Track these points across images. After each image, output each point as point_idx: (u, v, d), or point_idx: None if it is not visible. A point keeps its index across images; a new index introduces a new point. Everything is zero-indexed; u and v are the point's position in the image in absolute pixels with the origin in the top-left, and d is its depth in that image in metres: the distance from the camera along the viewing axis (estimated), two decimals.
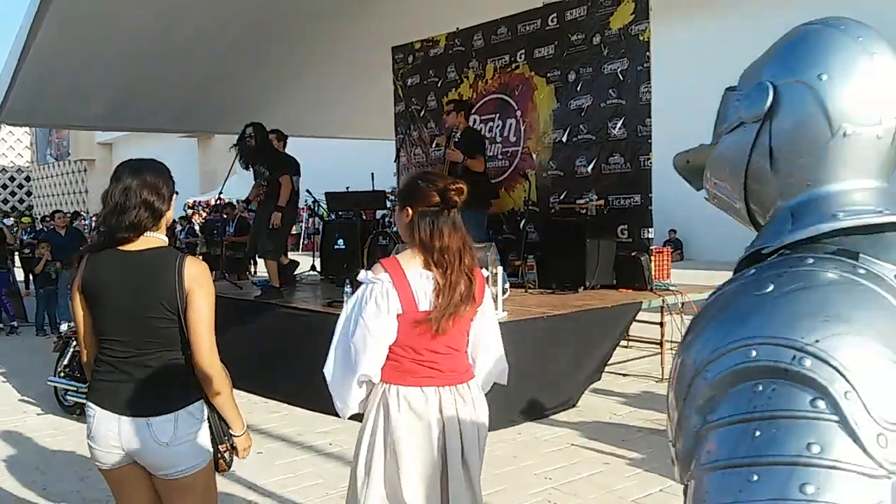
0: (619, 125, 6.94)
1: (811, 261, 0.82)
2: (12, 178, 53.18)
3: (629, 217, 6.82)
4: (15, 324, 10.46)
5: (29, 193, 52.97)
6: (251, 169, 7.16)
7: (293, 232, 26.19)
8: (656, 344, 6.50)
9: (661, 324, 6.30)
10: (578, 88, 7.30)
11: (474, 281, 2.35)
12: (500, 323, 4.95)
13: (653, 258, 6.70)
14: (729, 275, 0.92)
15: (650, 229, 6.73)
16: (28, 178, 53.07)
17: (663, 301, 6.20)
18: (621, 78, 6.93)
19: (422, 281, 2.27)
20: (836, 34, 0.87)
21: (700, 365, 0.80)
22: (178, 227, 16.13)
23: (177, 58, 9.26)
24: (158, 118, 10.80)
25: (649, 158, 6.71)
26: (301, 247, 22.53)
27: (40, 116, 10.39)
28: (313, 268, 9.08)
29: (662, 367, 6.33)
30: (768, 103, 0.88)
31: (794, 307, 0.77)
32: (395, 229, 7.85)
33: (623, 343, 6.73)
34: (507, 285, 5.77)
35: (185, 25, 8.63)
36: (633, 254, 6.65)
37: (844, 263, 0.81)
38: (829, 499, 0.68)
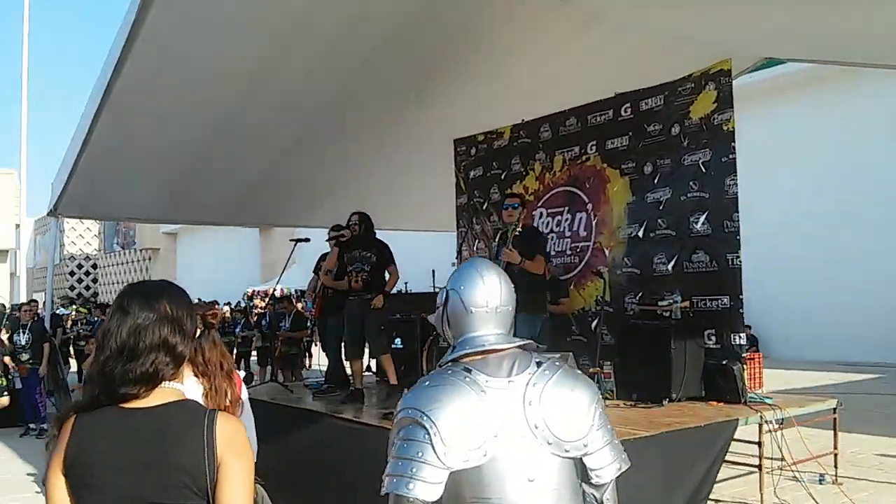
0: (702, 220, 6.39)
1: (449, 371, 1.86)
2: (80, 266, 54.87)
3: (717, 321, 6.17)
4: (46, 426, 9.53)
5: (95, 280, 54.45)
6: (346, 257, 6.93)
7: None
8: (753, 466, 5.72)
9: (760, 443, 5.54)
10: (656, 181, 6.81)
11: (233, 381, 3.01)
12: None
13: (745, 366, 6.00)
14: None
15: (741, 335, 6.07)
16: (95, 266, 54.69)
17: (761, 417, 5.47)
18: (703, 170, 6.42)
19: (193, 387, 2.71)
20: (470, 266, 2.02)
21: (397, 410, 1.87)
22: (235, 319, 15.96)
23: (233, 151, 9.16)
24: (213, 212, 10.70)
25: (738, 256, 6.11)
26: None
27: (95, 208, 10.36)
28: (368, 368, 8.58)
29: (762, 492, 5.53)
30: (444, 298, 2.01)
31: (427, 392, 1.82)
32: None
33: None
34: None
35: (243, 119, 8.52)
36: (723, 362, 5.97)
37: (461, 373, 1.84)
38: (421, 475, 1.73)
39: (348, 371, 7.18)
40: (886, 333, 14.99)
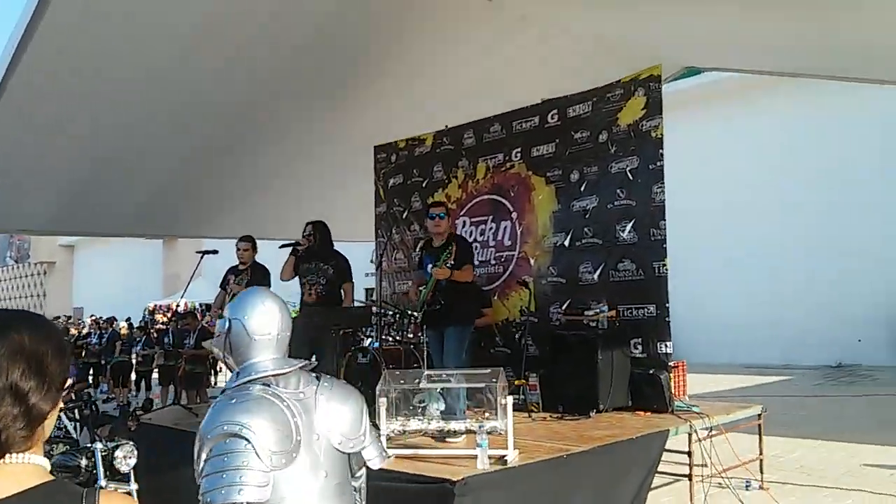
0: (628, 228, 6.27)
1: (249, 389, 2.08)
2: None
3: (643, 329, 6.05)
4: None
5: None
6: (301, 268, 6.55)
7: None
8: (682, 476, 5.59)
9: (689, 452, 5.41)
10: (582, 189, 6.67)
11: None
12: (513, 468, 4.08)
13: (672, 375, 5.89)
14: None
15: (668, 343, 5.95)
16: None
17: (691, 426, 5.34)
18: (631, 177, 6.32)
19: None
20: (252, 295, 2.25)
21: (203, 434, 2.02)
22: (134, 336, 15.09)
23: (134, 158, 8.52)
24: (112, 222, 9.94)
25: (664, 265, 6.01)
26: None
27: None
28: None
29: (692, 501, 5.39)
30: (226, 326, 2.18)
31: (238, 407, 2.01)
32: (375, 345, 6.99)
33: None
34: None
35: (145, 124, 7.95)
36: (650, 371, 5.84)
37: (262, 388, 2.09)
38: (249, 481, 1.92)
39: None
40: (793, 336, 15.52)
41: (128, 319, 18.02)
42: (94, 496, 1.17)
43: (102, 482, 3.97)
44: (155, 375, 13.09)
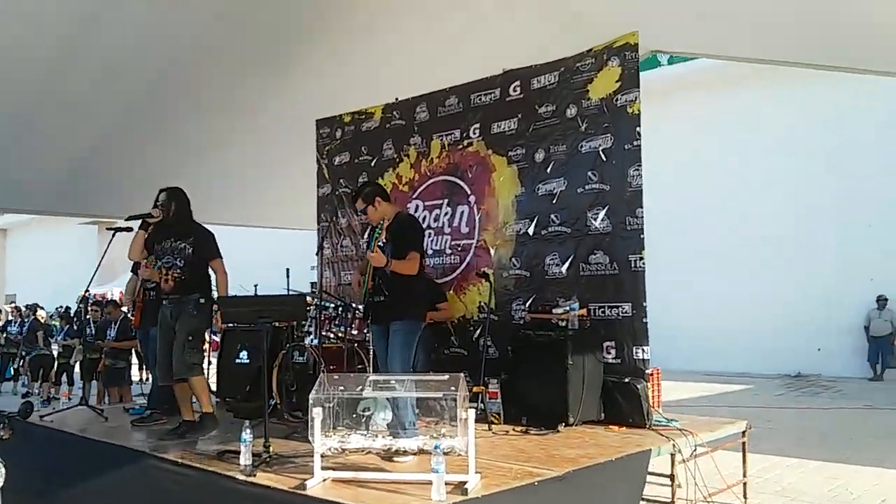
0: (601, 215, 5.57)
1: None
2: None
3: (617, 331, 5.37)
4: None
5: None
6: (155, 248, 5.20)
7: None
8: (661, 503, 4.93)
9: (672, 476, 4.75)
10: (549, 170, 5.95)
11: None
12: (474, 500, 3.34)
13: (649, 384, 5.22)
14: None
15: (644, 348, 5.28)
16: None
17: (674, 446, 4.67)
18: (604, 158, 5.62)
19: None
20: None
21: None
22: (57, 326, 13.97)
23: (51, 129, 7.56)
24: (30, 199, 8.93)
25: (642, 258, 5.33)
26: None
27: None
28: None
29: None
30: None
31: None
32: (314, 341, 6.16)
33: None
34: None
35: (61, 90, 6.99)
36: (625, 380, 5.17)
37: None
38: None
39: None
40: (750, 343, 15.10)
41: (43, 307, 16.74)
42: None
43: None
44: (77, 369, 12.05)
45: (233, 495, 3.89)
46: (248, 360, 6.73)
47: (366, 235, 6.06)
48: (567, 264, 5.71)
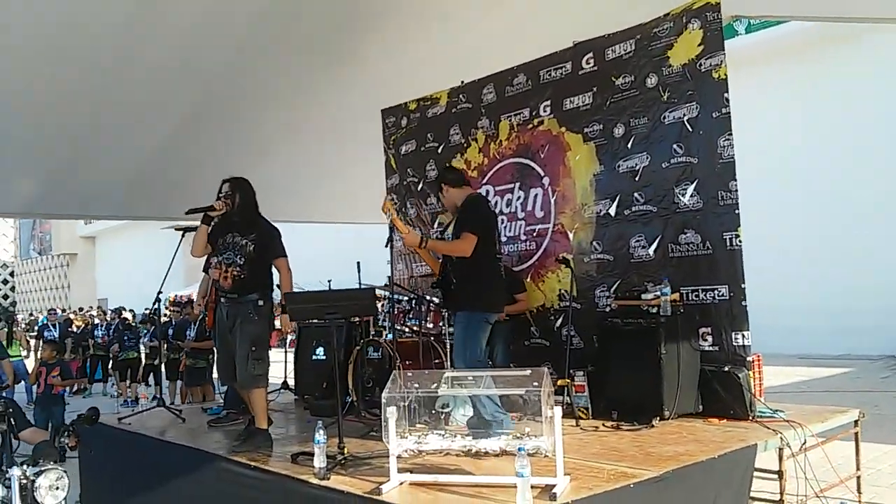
0: (690, 191, 5.14)
1: None
2: None
3: (714, 316, 4.94)
4: None
5: (13, 289, 51.49)
6: (218, 242, 4.89)
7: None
8: (769, 502, 4.48)
9: (781, 473, 4.31)
10: (629, 145, 5.54)
11: None
12: None
13: (751, 372, 4.78)
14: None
15: (746, 333, 4.83)
16: (12, 274, 51.72)
17: (782, 439, 4.23)
18: (690, 129, 5.18)
19: None
20: None
21: None
22: (143, 330, 14.24)
23: (113, 133, 7.57)
24: (97, 204, 9.04)
25: (738, 235, 4.88)
26: None
27: None
28: (285, 385, 7.10)
29: None
30: None
31: None
32: (389, 337, 5.93)
33: None
34: None
35: (120, 94, 6.96)
36: (725, 368, 4.74)
37: None
38: None
39: None
40: (848, 323, 14.11)
41: (131, 310, 17.17)
42: None
43: None
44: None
45: (306, 500, 3.69)
46: (324, 357, 6.59)
47: (435, 225, 5.81)
48: (654, 245, 5.30)
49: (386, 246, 5.43)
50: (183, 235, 5.95)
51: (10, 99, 6.66)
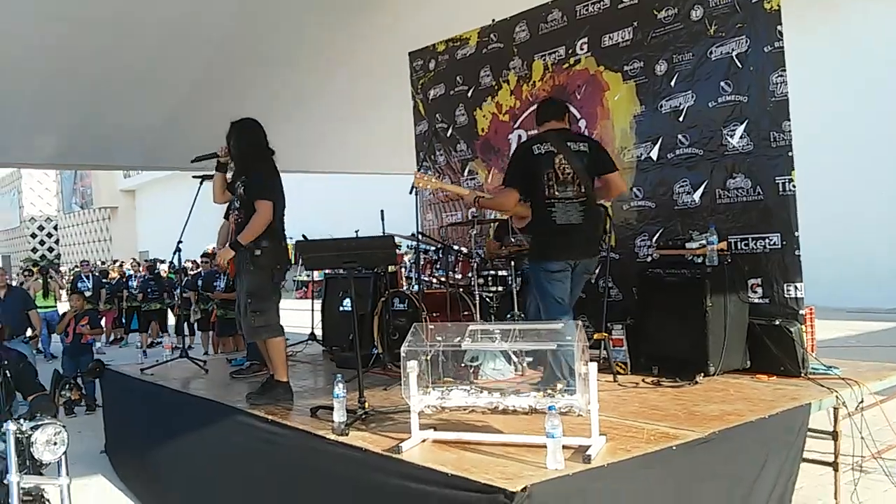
0: (739, 132, 4.75)
1: None
2: (41, 228, 52.88)
3: (764, 267, 4.59)
4: None
5: (57, 242, 52.59)
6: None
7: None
8: (823, 464, 4.17)
9: (835, 433, 4.00)
10: (673, 83, 5.14)
11: None
12: (599, 469, 2.78)
13: (804, 326, 4.44)
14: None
15: (799, 285, 4.48)
16: (56, 227, 52.78)
17: (837, 398, 3.91)
18: (739, 65, 4.76)
19: None
20: None
21: None
22: (176, 280, 14.25)
23: (138, 83, 7.40)
24: (121, 154, 8.93)
25: (791, 179, 4.50)
26: None
27: None
28: (312, 336, 6.92)
29: (837, 498, 4.02)
30: None
31: None
32: (416, 288, 5.68)
33: None
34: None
35: (147, 42, 6.73)
36: (776, 322, 4.40)
37: None
38: None
39: None
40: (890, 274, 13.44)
41: (166, 262, 17.19)
42: None
43: (13, 476, 2.83)
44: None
45: (323, 456, 3.49)
46: (350, 309, 6.38)
47: (466, 173, 5.52)
48: (700, 191, 4.95)
49: (410, 192, 5.15)
50: (201, 183, 5.76)
51: (27, 54, 6.51)
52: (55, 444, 2.90)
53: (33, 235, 52.41)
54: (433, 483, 2.87)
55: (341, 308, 6.59)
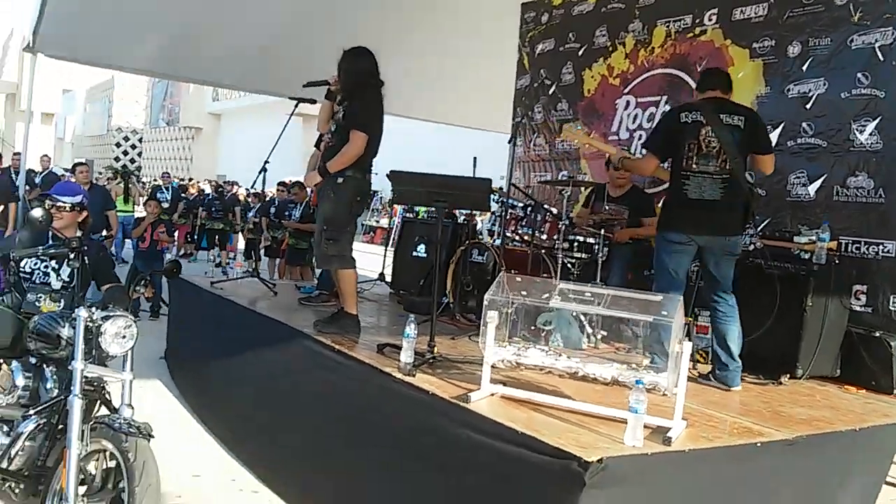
0: (870, 128, 4.42)
1: None
2: (126, 139, 54.29)
3: (873, 274, 4.30)
4: None
5: (140, 154, 53.96)
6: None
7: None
8: None
9: None
10: (805, 67, 4.82)
11: None
12: (679, 452, 2.61)
13: None
14: None
15: None
16: (141, 140, 54.14)
17: None
18: (881, 57, 4.41)
19: None
20: None
21: None
22: (252, 203, 14.45)
23: (242, 2, 7.40)
24: (217, 71, 8.94)
25: None
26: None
27: (82, 51, 8.61)
28: (381, 277, 6.87)
29: None
30: None
31: None
32: (497, 242, 5.53)
33: None
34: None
35: None
36: (875, 334, 4.13)
37: None
38: None
39: None
40: None
41: (245, 188, 17.42)
42: None
43: (78, 363, 2.79)
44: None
45: (387, 393, 3.41)
46: (424, 255, 6.30)
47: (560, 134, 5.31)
48: (817, 185, 4.65)
49: (509, 142, 4.98)
50: (297, 105, 5.68)
51: None
52: (124, 337, 2.84)
53: (118, 145, 53.82)
54: (501, 438, 2.75)
55: (414, 253, 6.51)
